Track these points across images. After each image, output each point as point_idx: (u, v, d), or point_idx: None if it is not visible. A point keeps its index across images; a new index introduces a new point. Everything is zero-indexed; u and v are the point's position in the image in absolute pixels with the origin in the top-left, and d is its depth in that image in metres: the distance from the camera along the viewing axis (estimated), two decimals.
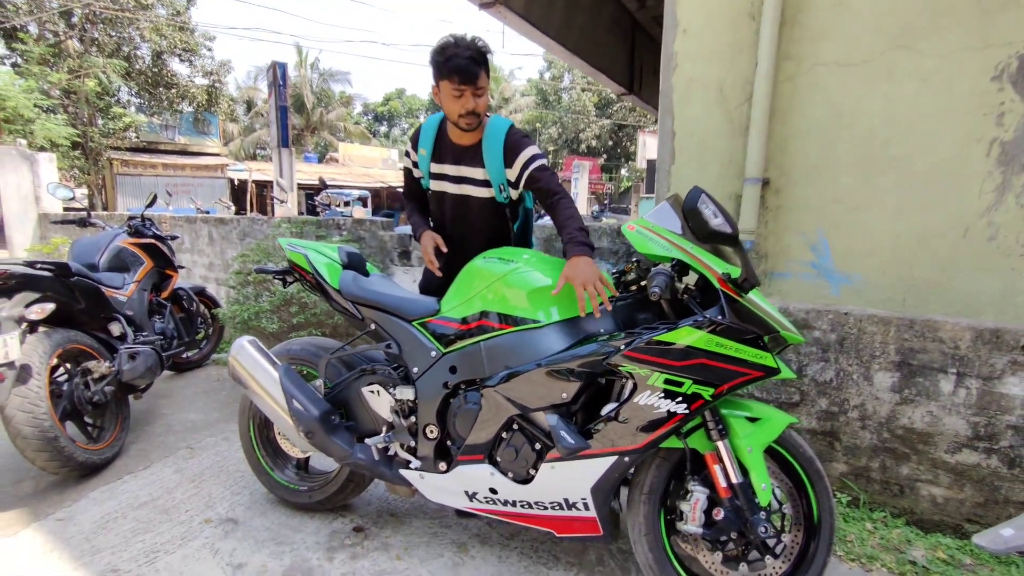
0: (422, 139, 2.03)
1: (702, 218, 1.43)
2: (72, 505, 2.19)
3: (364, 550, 1.93)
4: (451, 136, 1.99)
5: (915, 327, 2.03)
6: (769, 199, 2.71)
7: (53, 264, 2.35)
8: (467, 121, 1.86)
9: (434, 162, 2.03)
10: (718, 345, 1.42)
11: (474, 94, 1.81)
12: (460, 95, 1.81)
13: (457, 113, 1.84)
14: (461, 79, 1.78)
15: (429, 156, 2.03)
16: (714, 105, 2.80)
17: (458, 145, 1.99)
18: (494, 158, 1.93)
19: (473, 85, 1.80)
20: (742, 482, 1.52)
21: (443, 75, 1.81)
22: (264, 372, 1.93)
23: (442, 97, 1.85)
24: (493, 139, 1.93)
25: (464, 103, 1.82)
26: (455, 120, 1.88)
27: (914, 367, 2.04)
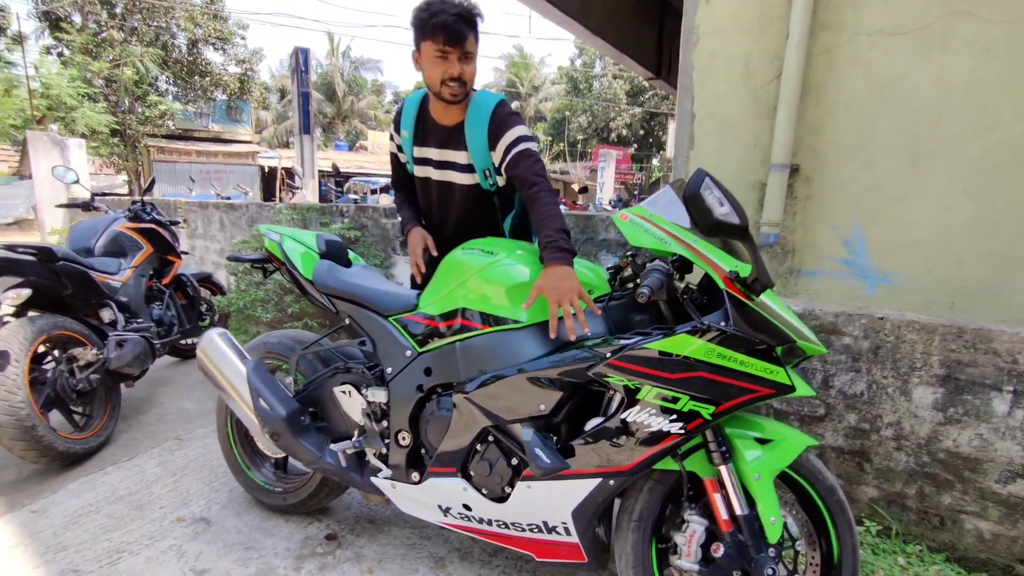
0: (404, 119, 1.82)
1: (705, 206, 1.22)
2: (49, 496, 2.13)
3: (335, 560, 1.80)
4: (433, 115, 1.77)
5: (965, 336, 1.75)
6: (798, 187, 2.44)
7: (36, 248, 2.29)
8: (451, 90, 1.62)
9: (416, 145, 1.82)
10: (720, 356, 1.20)
11: (460, 58, 1.60)
12: (444, 57, 1.58)
13: (440, 80, 1.61)
14: (446, 39, 1.56)
15: (411, 138, 1.82)
16: (739, 83, 2.52)
17: (440, 125, 1.77)
18: (478, 139, 1.70)
19: (460, 47, 1.58)
20: (747, 514, 1.31)
21: (425, 35, 1.58)
22: (232, 367, 1.81)
23: (423, 62, 1.63)
24: (478, 117, 1.69)
25: (448, 68, 1.59)
26: (437, 89, 1.64)
27: (962, 382, 1.77)
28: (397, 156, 1.95)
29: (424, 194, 1.93)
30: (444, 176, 1.83)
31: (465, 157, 1.76)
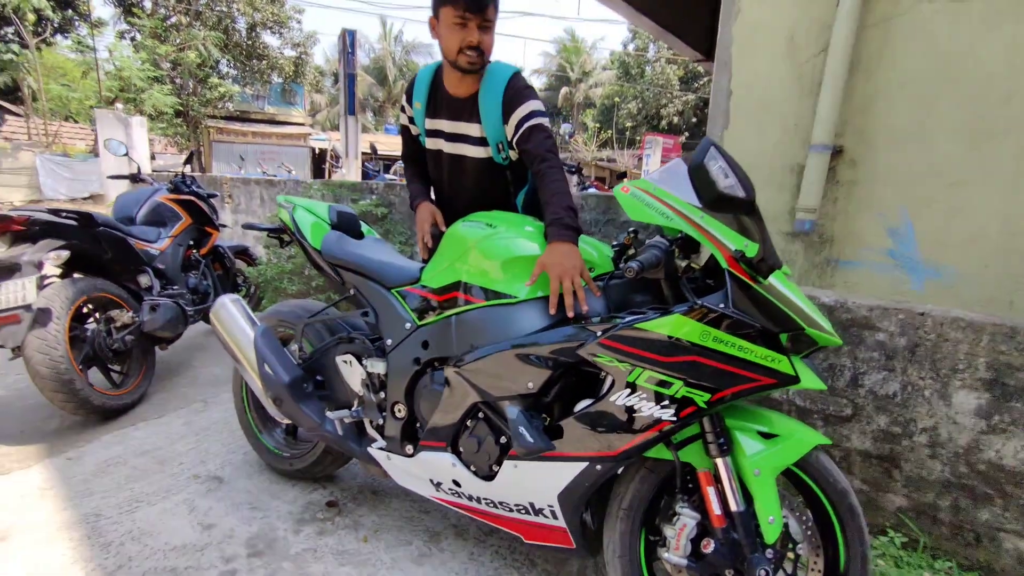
0: (416, 90, 1.78)
1: (709, 178, 1.12)
2: (84, 446, 2.27)
3: (334, 526, 1.83)
4: (447, 86, 1.73)
5: (1018, 337, 1.57)
6: (841, 171, 2.26)
7: (77, 213, 2.42)
8: (468, 59, 1.58)
9: (428, 117, 1.78)
10: (716, 341, 1.12)
11: (480, 26, 1.55)
12: (463, 24, 1.54)
13: (457, 48, 1.57)
14: (467, 5, 1.51)
15: (424, 110, 1.78)
16: (781, 58, 2.35)
17: (454, 97, 1.72)
18: (491, 111, 1.66)
19: (480, 15, 1.54)
20: (743, 511, 1.22)
21: (445, 0, 1.54)
22: (241, 332, 1.85)
23: (441, 29, 1.59)
24: (492, 89, 1.65)
25: (467, 35, 1.55)
26: (454, 58, 1.60)
27: (1010, 388, 1.60)
28: (408, 129, 1.91)
29: (435, 167, 1.89)
30: (456, 149, 1.79)
31: (478, 130, 1.72)
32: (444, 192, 1.93)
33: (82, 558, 1.63)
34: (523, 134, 1.61)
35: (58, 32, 18.59)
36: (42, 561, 1.61)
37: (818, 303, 1.87)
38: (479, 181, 1.82)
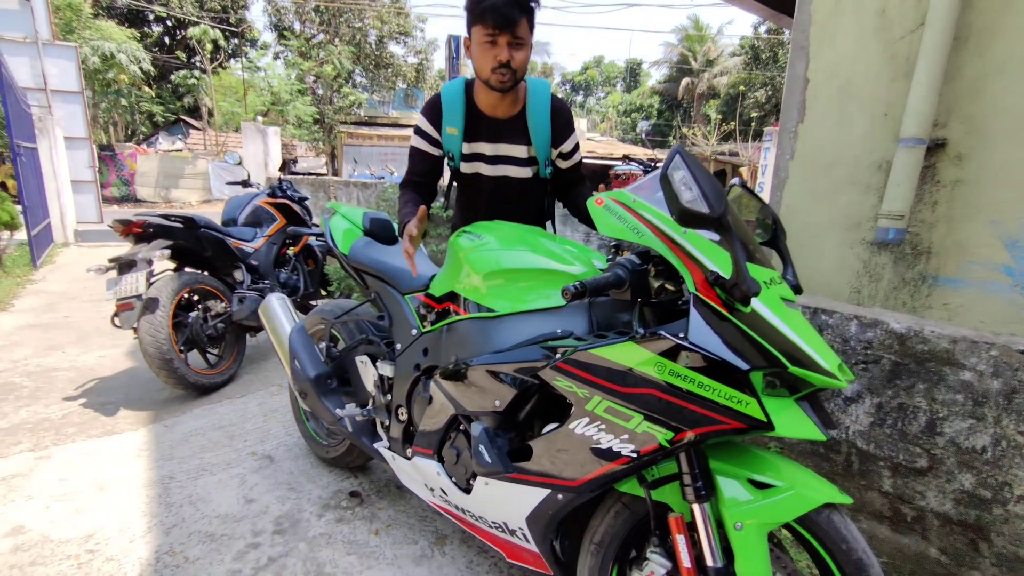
0: (446, 115, 1.68)
1: (672, 191, 0.99)
2: (179, 416, 2.66)
3: (352, 516, 1.94)
4: (483, 108, 1.67)
5: None
6: (943, 169, 1.86)
7: (183, 217, 2.83)
8: (500, 78, 1.53)
9: (467, 142, 1.70)
10: (672, 374, 0.98)
11: (510, 43, 1.50)
12: (493, 43, 1.50)
13: (489, 67, 1.52)
14: (496, 22, 1.47)
15: (461, 135, 1.69)
16: (870, 35, 2.00)
17: (494, 119, 1.67)
18: (541, 131, 1.66)
19: (510, 32, 1.49)
20: (719, 568, 1.07)
21: (475, 19, 1.51)
22: (282, 329, 2.03)
23: (473, 48, 1.56)
24: (538, 107, 1.64)
25: (497, 53, 1.50)
26: (486, 77, 1.56)
27: None
28: (423, 152, 1.76)
29: (472, 191, 1.81)
30: (498, 171, 1.74)
31: (526, 151, 1.70)
32: (478, 215, 1.81)
33: (149, 512, 1.92)
34: (571, 165, 1.79)
35: (231, 57, 21.87)
36: (121, 510, 1.92)
37: (886, 329, 1.57)
38: (522, 200, 1.80)
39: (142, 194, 16.38)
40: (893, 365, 1.58)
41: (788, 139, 2.27)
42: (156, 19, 20.98)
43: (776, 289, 1.08)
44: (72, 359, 3.38)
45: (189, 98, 19.08)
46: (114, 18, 18.74)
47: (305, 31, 19.65)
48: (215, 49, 18.56)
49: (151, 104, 19.80)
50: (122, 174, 16.07)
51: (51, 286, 5.31)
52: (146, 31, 20.55)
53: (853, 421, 1.68)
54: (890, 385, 1.59)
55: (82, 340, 3.71)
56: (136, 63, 16.07)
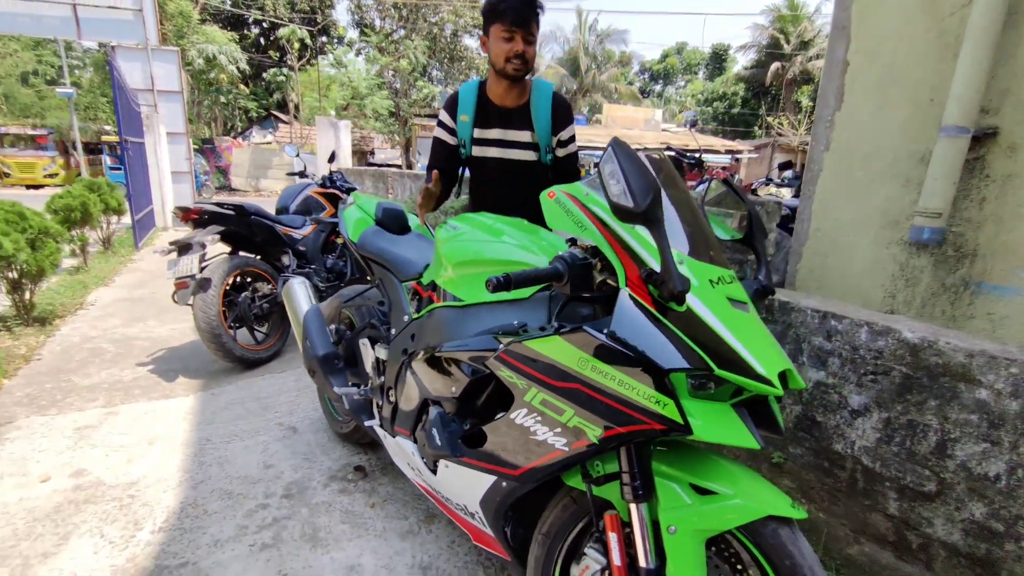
0: (461, 105, 1.96)
1: (602, 184, 0.97)
2: (224, 386, 2.94)
3: (354, 488, 2.06)
4: (494, 99, 1.93)
5: None
6: (994, 162, 1.65)
7: (235, 205, 3.10)
8: (514, 66, 1.80)
9: (477, 127, 1.96)
10: (595, 370, 0.97)
11: (524, 38, 1.78)
12: (510, 38, 1.78)
13: (505, 57, 1.79)
14: (513, 20, 1.76)
15: (471, 122, 1.96)
16: (917, 11, 1.80)
17: (503, 107, 1.93)
18: (543, 119, 1.91)
19: (524, 29, 1.78)
20: (651, 569, 1.05)
21: (495, 18, 1.79)
22: (300, 309, 2.18)
23: (491, 44, 1.83)
24: (542, 99, 1.91)
25: (514, 46, 1.78)
26: (502, 66, 1.81)
27: None
28: (442, 141, 2.05)
29: (480, 174, 2.06)
30: (506, 154, 1.98)
31: (530, 136, 1.94)
32: (488, 196, 2.09)
33: (183, 467, 2.15)
34: (568, 153, 2.00)
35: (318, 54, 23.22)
36: (162, 464, 2.17)
37: (898, 338, 1.43)
38: (525, 182, 1.98)
39: (236, 183, 17.91)
40: (904, 378, 1.44)
41: (824, 128, 2.09)
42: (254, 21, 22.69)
43: (724, 289, 1.03)
44: (149, 330, 3.81)
45: (279, 94, 20.53)
46: (218, 23, 20.50)
47: (385, 27, 20.43)
48: (302, 48, 19.80)
49: (246, 100, 21.49)
50: (220, 165, 17.64)
51: (146, 265, 5.98)
52: (245, 33, 22.29)
53: (859, 436, 1.55)
54: (900, 400, 1.45)
55: (160, 314, 4.17)
56: (234, 63, 17.49)
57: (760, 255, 1.25)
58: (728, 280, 1.05)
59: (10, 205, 3.46)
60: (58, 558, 1.66)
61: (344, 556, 1.71)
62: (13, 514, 1.85)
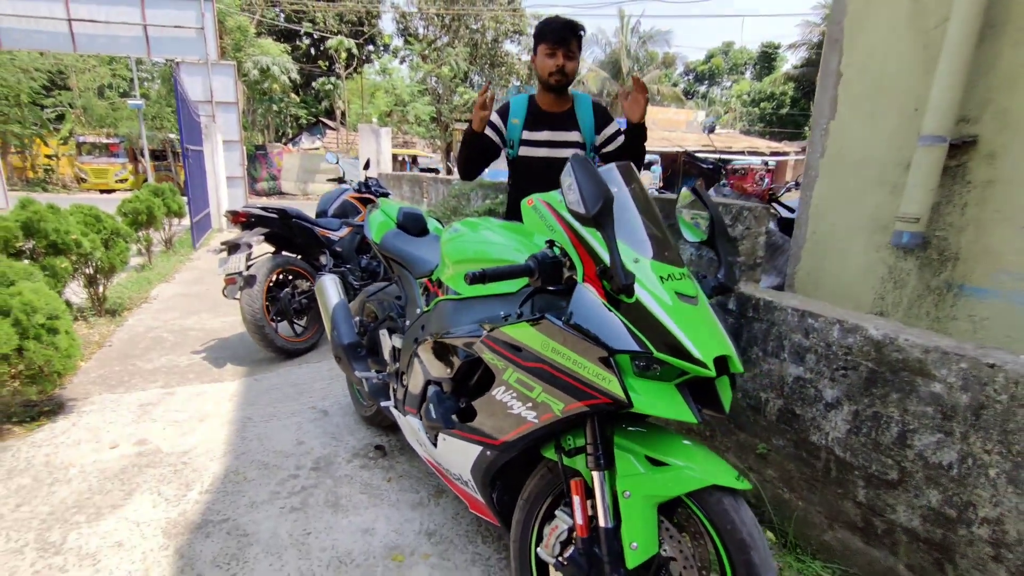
0: (513, 111, 2.23)
1: (563, 194, 1.14)
2: (267, 373, 3.25)
3: (374, 465, 2.29)
4: (543, 106, 2.21)
5: None
6: (974, 169, 1.71)
7: (278, 209, 3.41)
8: (556, 78, 2.09)
9: (527, 130, 2.21)
10: (555, 352, 1.14)
11: (564, 55, 2.07)
12: (552, 54, 2.07)
13: (548, 71, 2.09)
14: (554, 40, 2.07)
15: (521, 125, 2.21)
16: (903, 25, 1.88)
17: (550, 112, 2.20)
18: (586, 120, 2.20)
19: (564, 47, 2.07)
20: (608, 528, 1.21)
21: (540, 39, 2.11)
22: (330, 303, 2.43)
23: (538, 60, 2.13)
24: (583, 107, 2.22)
25: (556, 61, 2.07)
26: (545, 78, 2.12)
27: None
28: (486, 137, 2.19)
29: (526, 173, 2.24)
30: (553, 153, 2.20)
31: (577, 136, 2.21)
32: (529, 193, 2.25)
33: (227, 440, 2.44)
34: (617, 147, 2.22)
35: (364, 62, 24.11)
36: (211, 437, 2.47)
37: (865, 335, 1.53)
38: None
39: (286, 188, 18.85)
40: (870, 372, 1.53)
41: (820, 136, 2.18)
42: (305, 33, 23.81)
43: (674, 284, 1.18)
44: (203, 322, 4.20)
45: (327, 102, 21.46)
46: (272, 35, 21.64)
47: (428, 35, 21.05)
48: (349, 57, 20.63)
49: (296, 108, 22.58)
50: (271, 171, 18.62)
51: (202, 263, 6.50)
52: (296, 44, 23.42)
53: (832, 428, 1.65)
54: (867, 393, 1.54)
55: (213, 308, 4.58)
56: (286, 73, 18.45)
57: (721, 255, 1.39)
58: (678, 277, 1.20)
59: (88, 209, 3.92)
60: (124, 509, 1.96)
61: (361, 520, 1.94)
62: (89, 473, 2.17)
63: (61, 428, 2.50)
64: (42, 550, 1.74)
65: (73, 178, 18.51)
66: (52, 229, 3.23)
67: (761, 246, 1.98)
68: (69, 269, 3.38)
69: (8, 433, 2.43)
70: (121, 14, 8.92)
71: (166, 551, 1.76)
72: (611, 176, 1.32)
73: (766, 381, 1.87)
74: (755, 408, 1.93)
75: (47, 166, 18.92)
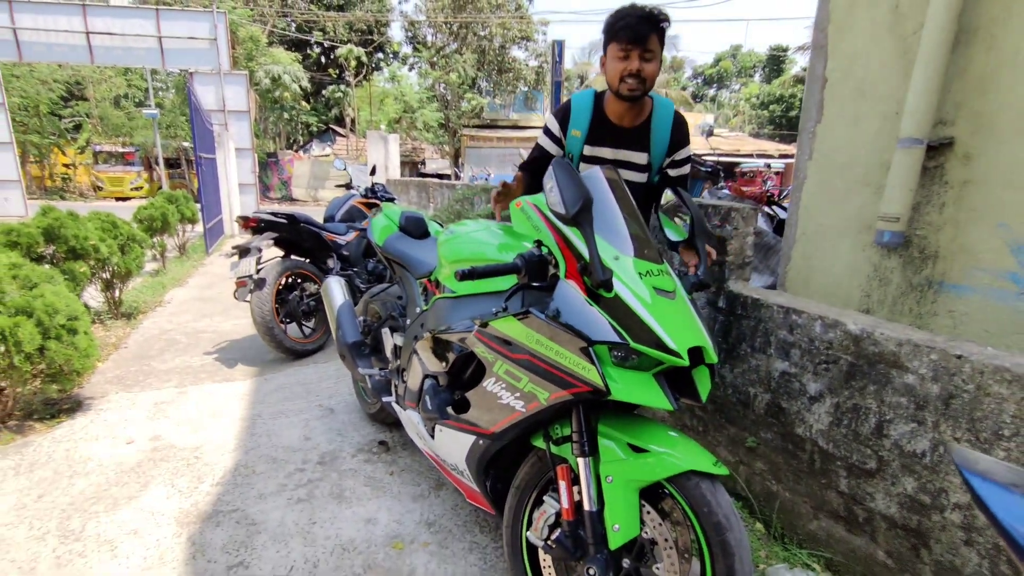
0: (574, 118, 1.84)
1: (546, 197, 1.22)
2: (275, 374, 3.35)
3: (377, 459, 2.38)
4: (611, 116, 1.81)
5: None
6: (951, 170, 1.77)
7: (286, 215, 3.53)
8: (628, 85, 1.66)
9: (588, 144, 1.83)
10: (539, 344, 1.22)
11: (641, 56, 1.64)
12: (625, 56, 1.65)
13: (619, 76, 1.66)
14: (629, 38, 1.63)
15: (583, 138, 1.83)
16: (883, 32, 1.94)
17: (619, 127, 1.81)
18: (661, 141, 1.80)
19: (641, 46, 1.64)
20: (592, 512, 1.28)
21: (611, 37, 1.68)
22: (335, 304, 2.53)
23: (608, 62, 1.71)
24: (662, 120, 1.79)
25: (628, 65, 1.64)
26: (616, 86, 1.69)
27: None
28: (544, 149, 1.94)
29: None
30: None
31: (645, 158, 1.82)
32: None
33: (237, 436, 2.54)
34: (680, 175, 1.86)
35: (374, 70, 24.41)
36: (222, 433, 2.57)
37: (844, 330, 1.60)
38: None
39: (296, 194, 19.12)
40: (849, 366, 1.59)
41: (807, 139, 2.24)
42: (316, 42, 24.19)
43: (652, 280, 1.26)
44: (215, 324, 4.33)
45: (337, 109, 21.76)
46: (283, 44, 22.01)
47: (436, 42, 21.30)
48: (359, 65, 20.93)
49: (307, 116, 22.91)
50: (282, 177, 18.91)
51: (215, 268, 6.66)
52: (307, 52, 23.79)
53: (816, 420, 1.71)
54: (847, 386, 1.60)
55: (225, 311, 4.71)
56: (297, 81, 18.75)
57: (700, 253, 1.46)
58: (656, 273, 1.28)
59: (105, 216, 4.07)
60: (140, 500, 2.06)
61: (364, 511, 2.02)
62: (107, 466, 2.28)
63: (80, 425, 2.62)
64: (63, 537, 1.84)
65: (90, 186, 18.94)
66: (72, 235, 3.37)
67: (749, 246, 2.04)
68: (87, 273, 3.52)
69: (30, 429, 2.55)
70: (137, 26, 9.18)
71: (179, 538, 1.85)
72: (596, 179, 1.40)
73: (754, 376, 1.93)
74: (744, 403, 1.99)
75: (64, 175, 19.40)
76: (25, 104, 15.96)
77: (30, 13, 8.79)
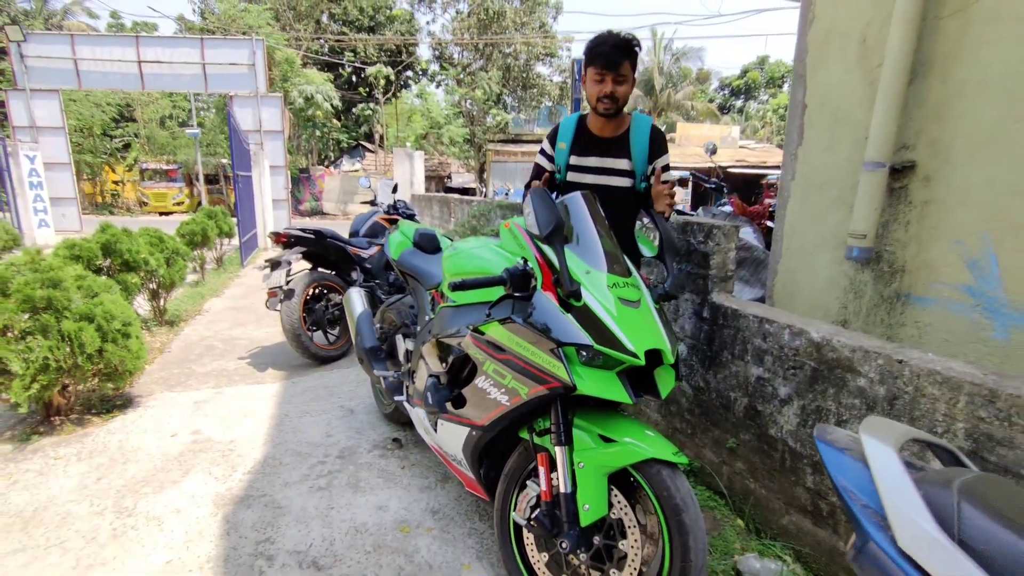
0: (561, 134, 2.14)
1: (525, 219, 1.43)
2: (301, 378, 3.63)
3: (391, 455, 2.60)
4: (593, 130, 2.08)
5: (998, 403, 1.27)
6: (914, 191, 1.91)
7: (314, 230, 3.83)
8: (604, 105, 1.95)
9: (574, 155, 2.12)
10: (518, 345, 1.43)
11: (614, 80, 1.91)
12: (601, 80, 1.92)
13: (596, 97, 1.95)
14: (603, 64, 1.90)
15: (568, 150, 2.12)
16: (853, 64, 2.10)
17: (601, 138, 2.07)
18: (640, 149, 2.04)
19: (614, 71, 1.90)
20: (567, 493, 1.47)
21: (589, 62, 1.95)
22: (355, 313, 2.79)
23: (587, 83, 1.99)
24: (640, 131, 2.04)
25: (603, 87, 1.92)
26: (594, 104, 1.98)
27: (991, 465, 1.29)
28: (541, 166, 2.22)
29: None
30: (600, 180, 2.09)
31: (627, 164, 2.06)
32: None
33: (266, 432, 2.81)
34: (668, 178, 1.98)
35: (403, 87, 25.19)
36: (253, 430, 2.84)
37: (808, 338, 1.75)
38: (619, 207, 2.06)
39: (327, 208, 19.82)
40: (813, 371, 1.74)
41: (790, 161, 2.40)
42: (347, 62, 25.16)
43: (619, 291, 1.45)
44: (249, 332, 4.66)
45: (366, 126, 22.53)
46: (317, 65, 22.98)
47: (462, 60, 21.92)
48: (387, 83, 21.69)
49: (338, 133, 23.78)
50: (314, 192, 19.65)
51: (249, 280, 7.08)
52: (339, 72, 24.76)
53: (786, 421, 1.86)
54: (811, 389, 1.75)
55: (258, 320, 5.05)
56: (329, 100, 19.54)
57: (668, 268, 1.65)
58: (623, 285, 1.47)
59: (153, 231, 4.47)
60: (182, 484, 2.33)
61: (376, 499, 2.24)
62: (154, 455, 2.57)
63: (131, 419, 2.93)
64: (118, 513, 2.12)
65: (136, 202, 20.07)
66: (126, 249, 3.74)
67: (731, 260, 2.21)
68: (138, 284, 3.89)
69: (89, 422, 2.87)
70: (183, 55, 9.87)
71: (215, 517, 2.10)
72: (576, 203, 1.60)
73: (735, 381, 2.09)
74: (726, 406, 2.14)
75: (114, 191, 20.61)
76: (81, 126, 17.11)
77: (88, 45, 9.57)
